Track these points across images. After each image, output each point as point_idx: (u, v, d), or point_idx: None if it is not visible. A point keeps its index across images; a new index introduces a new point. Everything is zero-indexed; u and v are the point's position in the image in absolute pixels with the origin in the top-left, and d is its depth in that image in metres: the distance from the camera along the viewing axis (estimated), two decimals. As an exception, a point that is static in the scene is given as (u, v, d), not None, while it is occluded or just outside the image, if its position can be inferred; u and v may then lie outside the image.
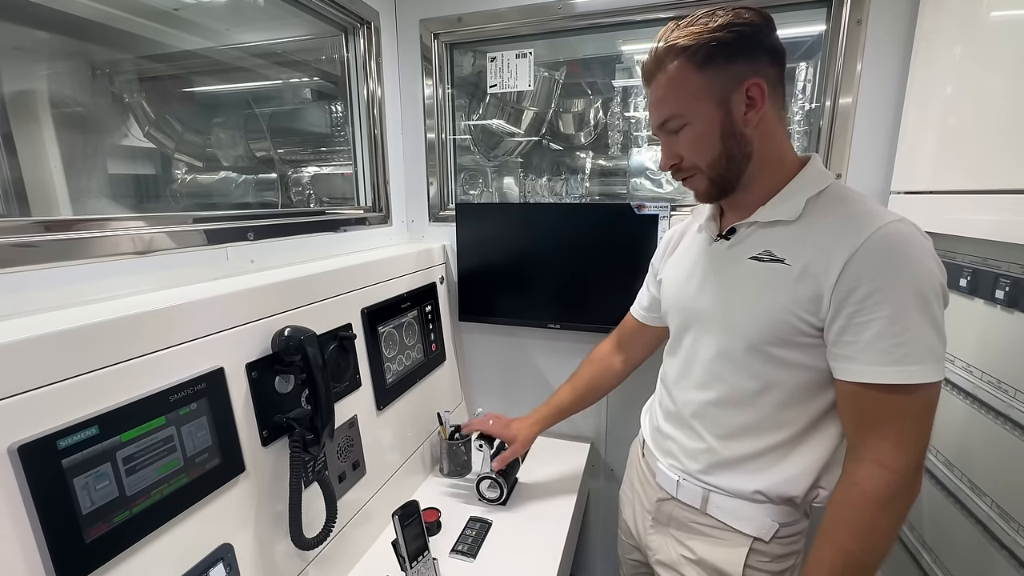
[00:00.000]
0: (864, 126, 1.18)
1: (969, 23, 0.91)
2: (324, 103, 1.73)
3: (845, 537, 0.67)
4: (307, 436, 0.84)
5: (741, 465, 0.78)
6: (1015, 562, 0.78)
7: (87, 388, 0.59)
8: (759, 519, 0.78)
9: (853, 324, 0.64)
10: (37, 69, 1.26)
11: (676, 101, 0.71)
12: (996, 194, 0.80)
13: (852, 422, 0.70)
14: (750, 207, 0.76)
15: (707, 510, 0.83)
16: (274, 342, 0.84)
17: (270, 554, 0.84)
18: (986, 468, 0.87)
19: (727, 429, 0.79)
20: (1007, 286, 0.81)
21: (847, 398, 0.69)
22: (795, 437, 0.75)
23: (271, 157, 1.82)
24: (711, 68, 0.68)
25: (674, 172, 0.77)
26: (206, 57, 1.65)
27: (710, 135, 0.71)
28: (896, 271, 0.62)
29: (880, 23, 1.12)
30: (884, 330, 0.62)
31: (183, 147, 1.71)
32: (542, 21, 1.38)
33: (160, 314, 0.68)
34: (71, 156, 1.23)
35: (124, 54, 1.52)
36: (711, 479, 0.81)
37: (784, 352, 0.71)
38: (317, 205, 1.73)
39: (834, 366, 0.69)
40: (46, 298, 0.68)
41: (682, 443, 0.86)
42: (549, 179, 1.80)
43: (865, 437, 0.67)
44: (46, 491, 0.54)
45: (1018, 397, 0.79)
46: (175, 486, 0.68)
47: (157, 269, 0.84)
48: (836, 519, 0.69)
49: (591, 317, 1.40)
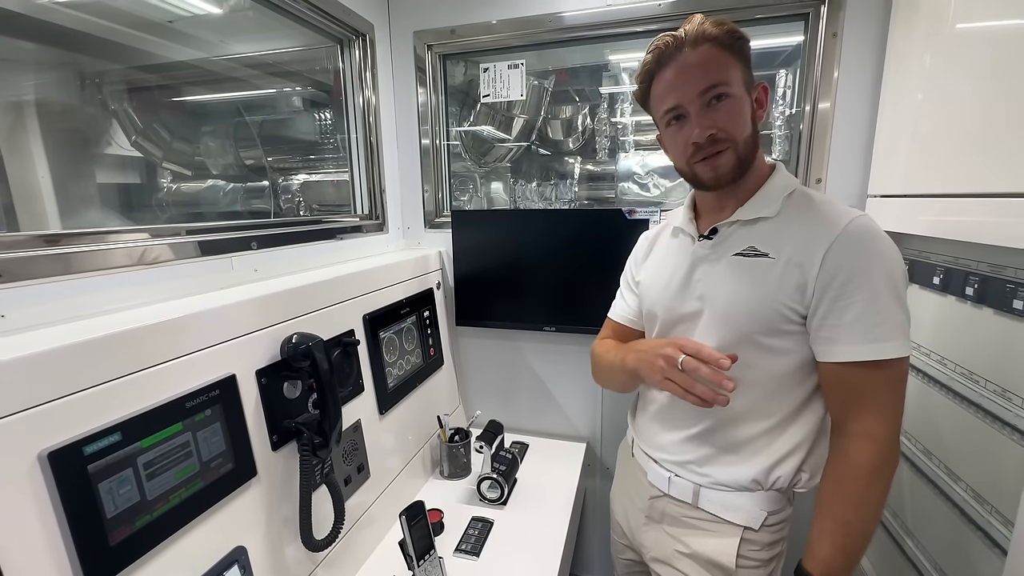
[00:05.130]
0: (842, 131, 1.24)
1: (937, 34, 0.97)
2: (315, 111, 1.76)
3: (843, 509, 0.72)
4: (315, 440, 0.87)
5: (733, 452, 0.82)
6: (989, 542, 0.83)
7: (109, 396, 0.61)
8: (749, 509, 0.82)
9: (835, 308, 0.71)
10: (25, 79, 1.27)
11: (720, 71, 0.72)
12: (964, 198, 0.86)
13: (838, 401, 0.76)
14: (727, 209, 0.82)
15: (699, 504, 0.85)
16: (283, 349, 0.86)
17: (281, 556, 0.86)
18: (961, 455, 0.92)
19: (718, 420, 0.83)
20: (976, 283, 0.87)
21: (832, 378, 0.75)
22: (781, 423, 0.80)
23: (261, 165, 1.83)
24: (741, 58, 0.74)
25: (707, 144, 0.74)
26: (198, 68, 1.66)
27: (745, 114, 0.74)
28: (869, 259, 0.70)
29: (854, 35, 1.19)
30: (863, 312, 0.69)
31: (172, 155, 1.72)
32: (533, 33, 1.43)
33: (176, 323, 0.70)
34: (59, 166, 1.24)
35: (115, 64, 1.53)
36: (704, 470, 0.84)
37: (772, 340, 0.76)
38: (307, 212, 1.75)
39: (819, 349, 0.74)
40: (62, 309, 0.70)
41: (672, 438, 0.88)
42: (539, 184, 1.84)
43: (850, 413, 0.73)
44: (73, 496, 0.56)
45: (988, 387, 0.85)
46: (192, 490, 0.70)
47: (167, 279, 0.86)
48: (832, 492, 0.74)
49: (585, 319, 1.44)
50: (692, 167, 0.78)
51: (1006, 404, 0.80)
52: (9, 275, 0.64)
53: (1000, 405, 0.82)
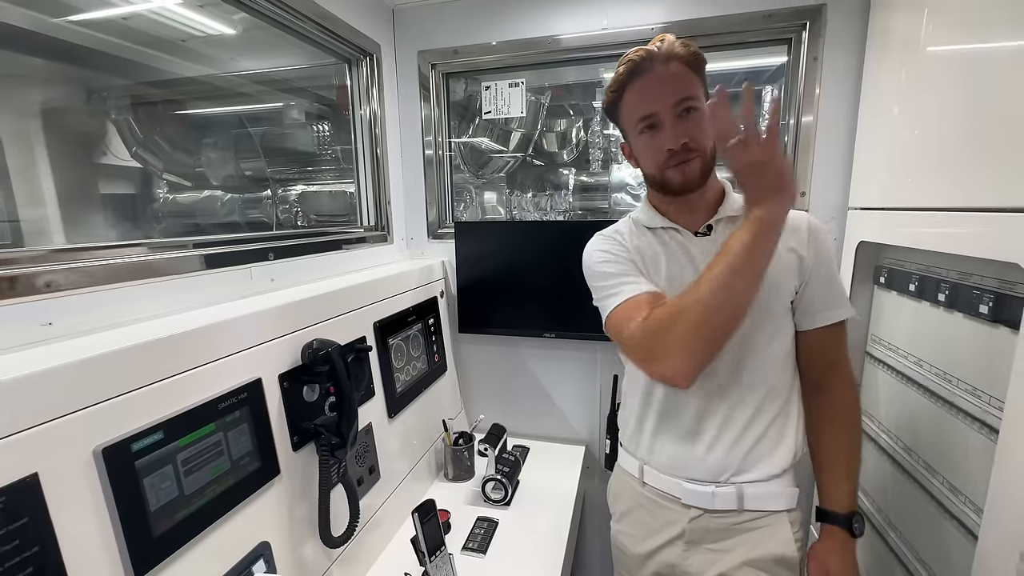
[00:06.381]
0: (824, 145, 1.32)
1: (909, 58, 1.05)
2: (317, 124, 1.81)
3: (848, 451, 0.89)
4: (333, 441, 0.92)
5: (761, 443, 0.86)
6: (963, 530, 0.89)
7: (152, 397, 0.65)
8: (785, 491, 0.88)
9: (823, 283, 0.86)
10: (33, 94, 1.31)
11: (689, 87, 0.80)
12: (934, 211, 0.93)
13: (822, 361, 0.90)
14: (697, 212, 0.89)
15: (744, 506, 0.86)
16: (303, 354, 0.91)
17: (300, 552, 0.90)
18: (936, 449, 0.99)
19: (751, 411, 0.86)
20: (946, 290, 0.94)
21: (820, 341, 0.89)
22: (788, 400, 0.88)
23: (263, 176, 1.88)
24: (702, 78, 0.84)
25: (680, 152, 0.81)
26: (207, 83, 1.71)
27: (707, 127, 0.81)
28: (828, 244, 0.89)
29: (833, 57, 1.27)
30: (833, 283, 0.88)
31: (174, 167, 1.77)
32: (532, 54, 1.50)
33: (209, 330, 0.75)
34: (63, 178, 1.28)
35: (125, 80, 1.58)
36: (744, 467, 0.86)
37: (783, 317, 0.87)
38: (304, 222, 1.80)
39: (815, 318, 0.87)
40: (102, 317, 0.75)
41: (699, 451, 0.88)
42: (534, 195, 1.91)
43: (832, 368, 0.90)
44: (123, 489, 0.60)
45: (960, 385, 0.92)
46: (224, 487, 0.74)
47: (193, 289, 0.91)
48: (835, 441, 0.89)
49: (584, 326, 1.50)
50: (664, 172, 0.84)
51: (975, 401, 0.87)
52: (56, 286, 0.69)
53: (970, 402, 0.89)
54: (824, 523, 0.88)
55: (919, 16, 1.01)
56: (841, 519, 0.87)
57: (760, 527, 0.88)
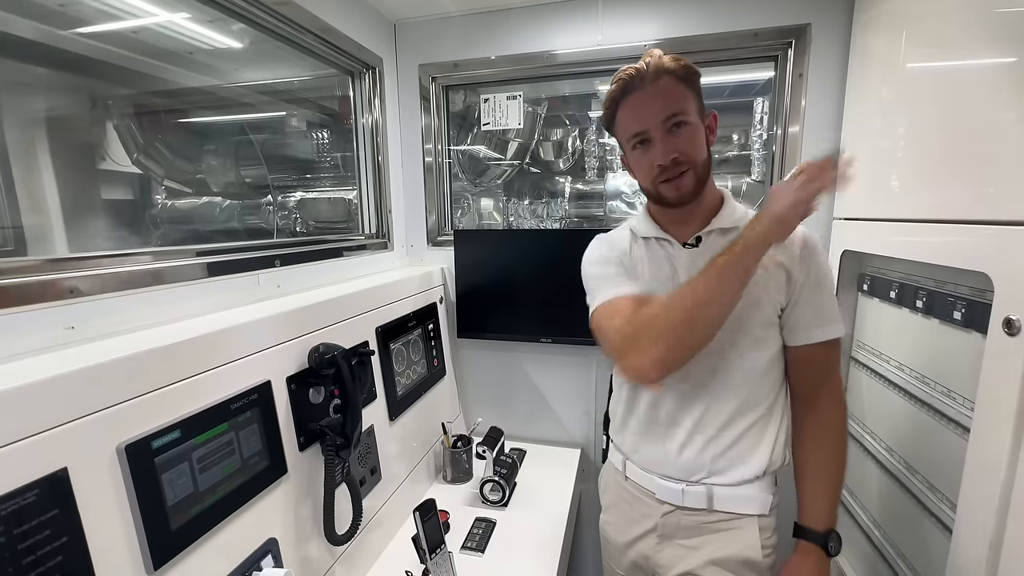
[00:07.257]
0: (810, 155, 1.36)
1: (890, 74, 1.11)
2: (318, 131, 1.85)
3: (831, 467, 0.89)
4: (338, 441, 0.95)
5: (736, 447, 0.88)
6: (940, 526, 0.94)
7: (170, 397, 0.69)
8: (759, 496, 0.89)
9: (812, 299, 0.85)
10: (36, 102, 1.35)
11: (679, 102, 0.81)
12: (911, 223, 0.98)
13: (808, 376, 0.90)
14: (692, 223, 0.90)
15: (714, 507, 0.89)
16: (310, 357, 0.95)
17: (306, 549, 0.93)
18: (917, 449, 1.04)
19: (725, 416, 0.88)
20: (924, 297, 0.99)
21: (807, 357, 0.88)
22: (769, 410, 0.89)
23: (263, 183, 1.92)
24: (695, 90, 0.84)
25: (671, 167, 0.83)
26: (211, 93, 1.76)
27: (701, 139, 0.84)
28: (822, 259, 0.87)
29: (817, 73, 1.33)
30: (827, 300, 0.86)
31: (175, 174, 1.80)
32: (529, 68, 1.56)
33: (223, 334, 0.79)
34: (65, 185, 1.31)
35: (131, 89, 1.62)
36: (716, 469, 0.88)
37: (764, 331, 0.87)
38: (303, 228, 1.84)
39: (800, 335, 0.87)
40: (121, 321, 0.78)
41: (672, 449, 0.91)
42: (531, 202, 1.95)
43: (821, 385, 0.89)
44: (144, 484, 0.63)
45: (936, 388, 0.97)
46: (235, 484, 0.77)
47: (205, 295, 0.94)
48: (819, 456, 0.89)
49: (579, 331, 1.52)
50: (657, 187, 0.86)
51: (950, 403, 0.92)
52: (79, 292, 0.72)
53: (946, 403, 0.93)
54: (800, 539, 0.88)
55: (898, 36, 1.07)
56: (817, 536, 0.86)
57: (729, 528, 0.90)
